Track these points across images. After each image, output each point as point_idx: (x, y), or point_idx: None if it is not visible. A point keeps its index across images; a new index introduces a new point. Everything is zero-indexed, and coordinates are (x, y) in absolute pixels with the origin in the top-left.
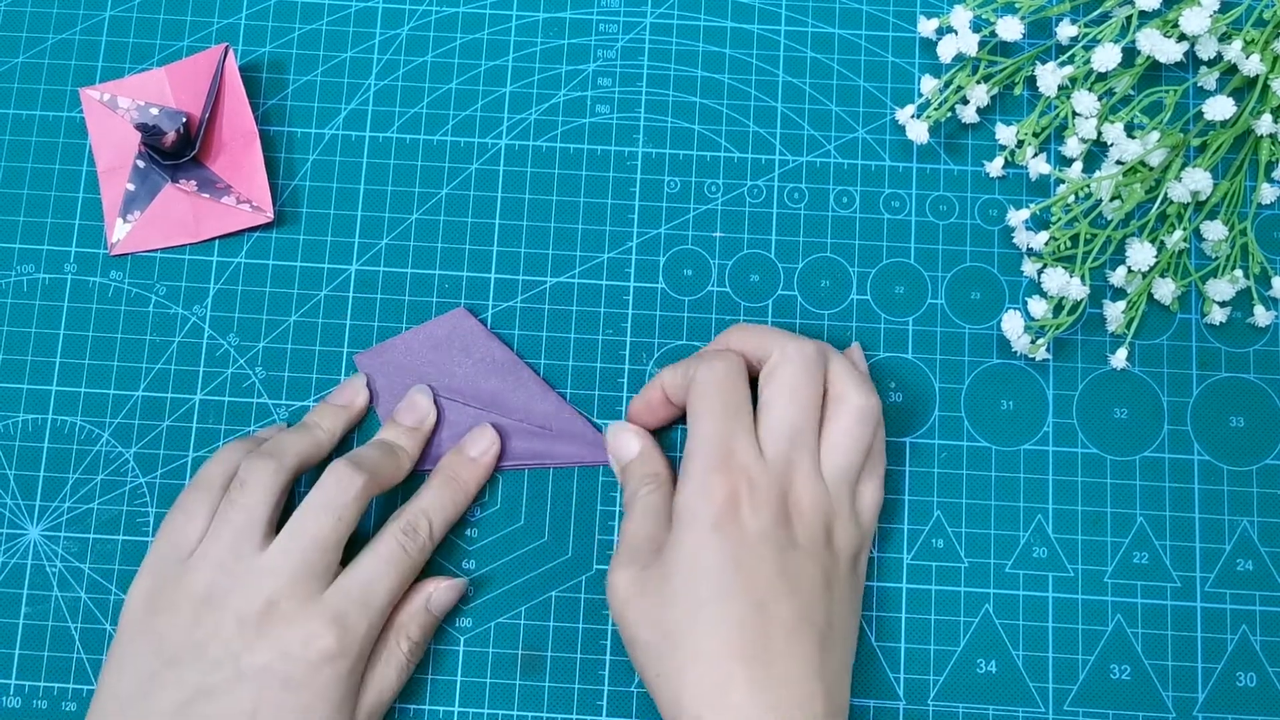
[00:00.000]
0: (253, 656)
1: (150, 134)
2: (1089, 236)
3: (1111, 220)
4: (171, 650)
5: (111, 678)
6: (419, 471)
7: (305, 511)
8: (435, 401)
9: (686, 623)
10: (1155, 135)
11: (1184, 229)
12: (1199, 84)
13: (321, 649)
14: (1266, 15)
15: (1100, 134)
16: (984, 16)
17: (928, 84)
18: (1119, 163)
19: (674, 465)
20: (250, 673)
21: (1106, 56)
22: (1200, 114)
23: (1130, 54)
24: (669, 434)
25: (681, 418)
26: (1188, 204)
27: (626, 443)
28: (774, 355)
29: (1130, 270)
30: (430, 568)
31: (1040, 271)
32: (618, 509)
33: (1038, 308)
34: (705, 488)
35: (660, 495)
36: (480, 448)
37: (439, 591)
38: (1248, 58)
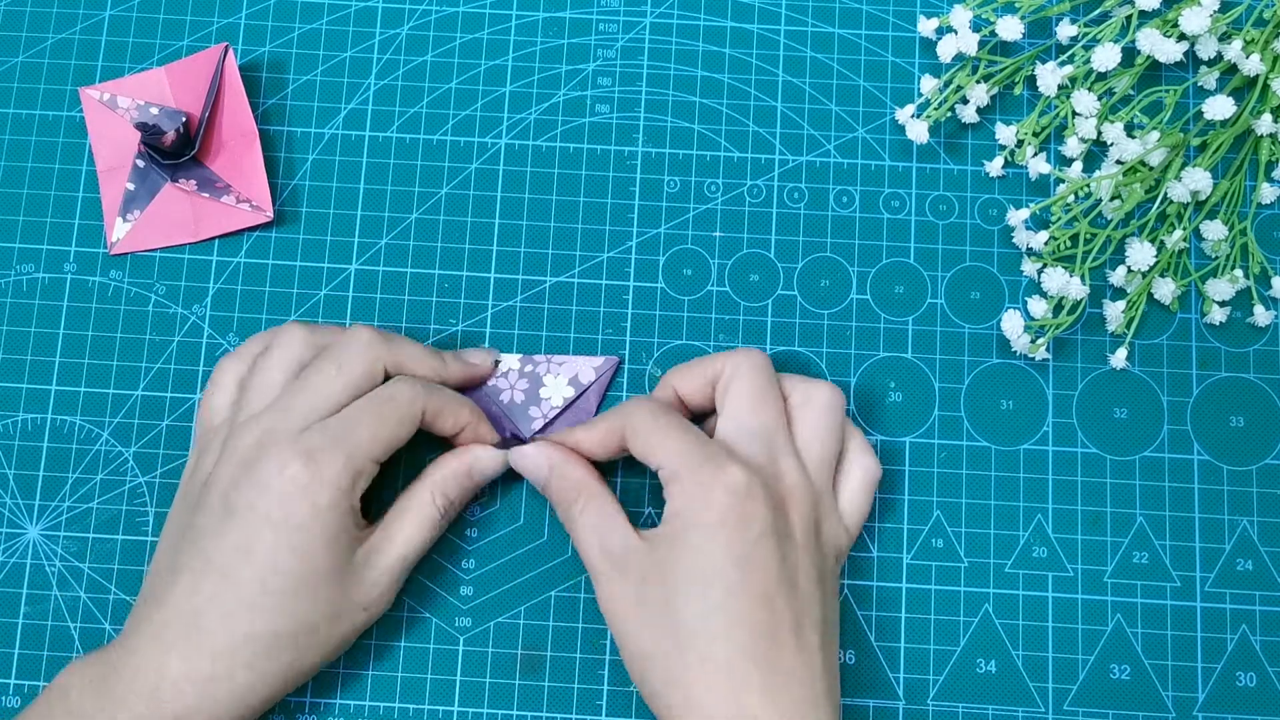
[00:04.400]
0: (238, 494)
1: (150, 133)
2: (1089, 236)
3: (1111, 220)
4: (190, 498)
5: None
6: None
7: (310, 366)
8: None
9: (696, 625)
10: (1155, 135)
11: (1184, 229)
12: (1199, 84)
13: (291, 477)
14: (1266, 15)
15: (1100, 134)
16: (984, 16)
17: (928, 84)
18: (1119, 162)
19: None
20: (238, 509)
21: (1106, 56)
22: (1200, 114)
23: (1130, 54)
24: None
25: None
26: (1188, 204)
27: (535, 463)
28: (725, 370)
29: (1130, 270)
30: (431, 567)
31: (1040, 271)
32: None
33: (1038, 307)
34: (703, 488)
35: (599, 504)
36: (477, 357)
37: (486, 457)
38: (1248, 57)
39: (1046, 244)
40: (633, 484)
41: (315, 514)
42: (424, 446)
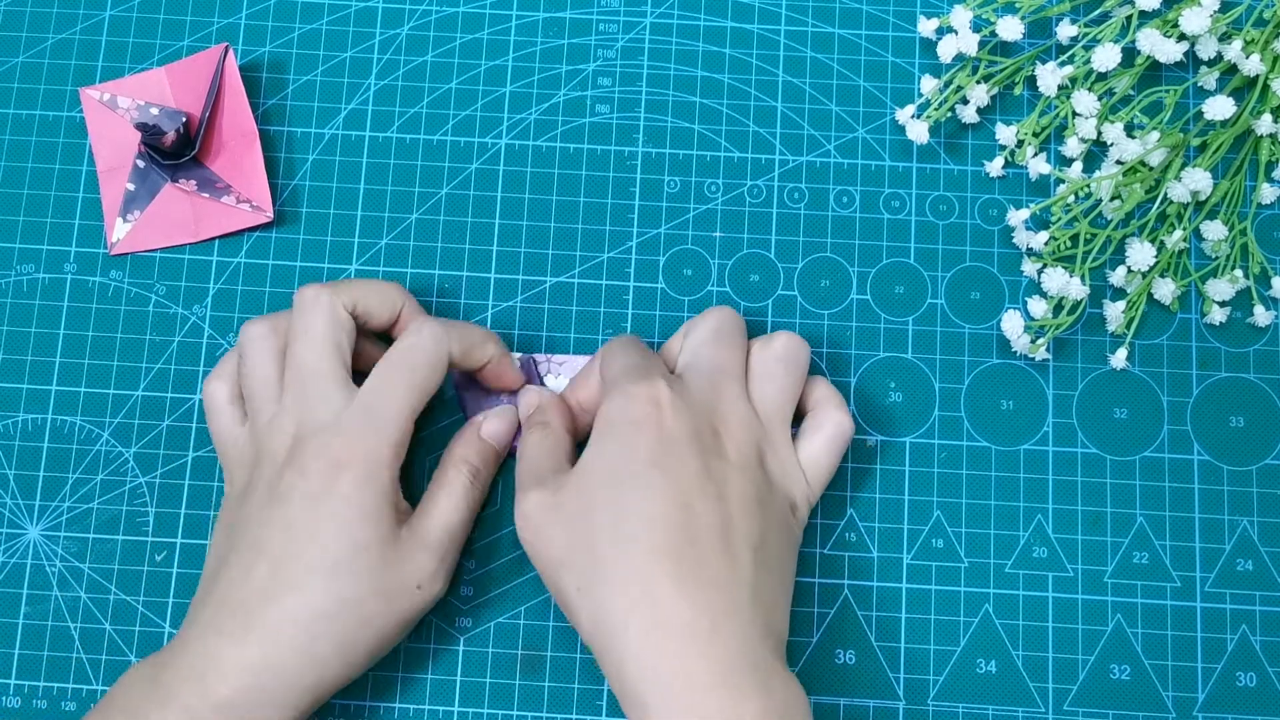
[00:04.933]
0: (281, 481)
1: (150, 134)
2: (1089, 236)
3: (1111, 220)
4: (233, 506)
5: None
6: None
7: (288, 349)
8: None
9: (609, 527)
10: (1155, 135)
11: (1184, 229)
12: (1199, 84)
13: (330, 457)
14: (1266, 15)
15: (1100, 134)
16: (984, 16)
17: (928, 84)
18: (1119, 163)
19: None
20: (281, 494)
21: (1106, 56)
22: (1200, 114)
23: (1130, 54)
24: None
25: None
26: (1188, 204)
27: (530, 398)
28: (691, 321)
29: (1130, 270)
30: None
31: (1040, 271)
32: None
33: (1038, 307)
34: (625, 395)
35: (553, 439)
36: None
37: (489, 419)
38: (1248, 57)
39: (1046, 244)
40: None
41: (355, 487)
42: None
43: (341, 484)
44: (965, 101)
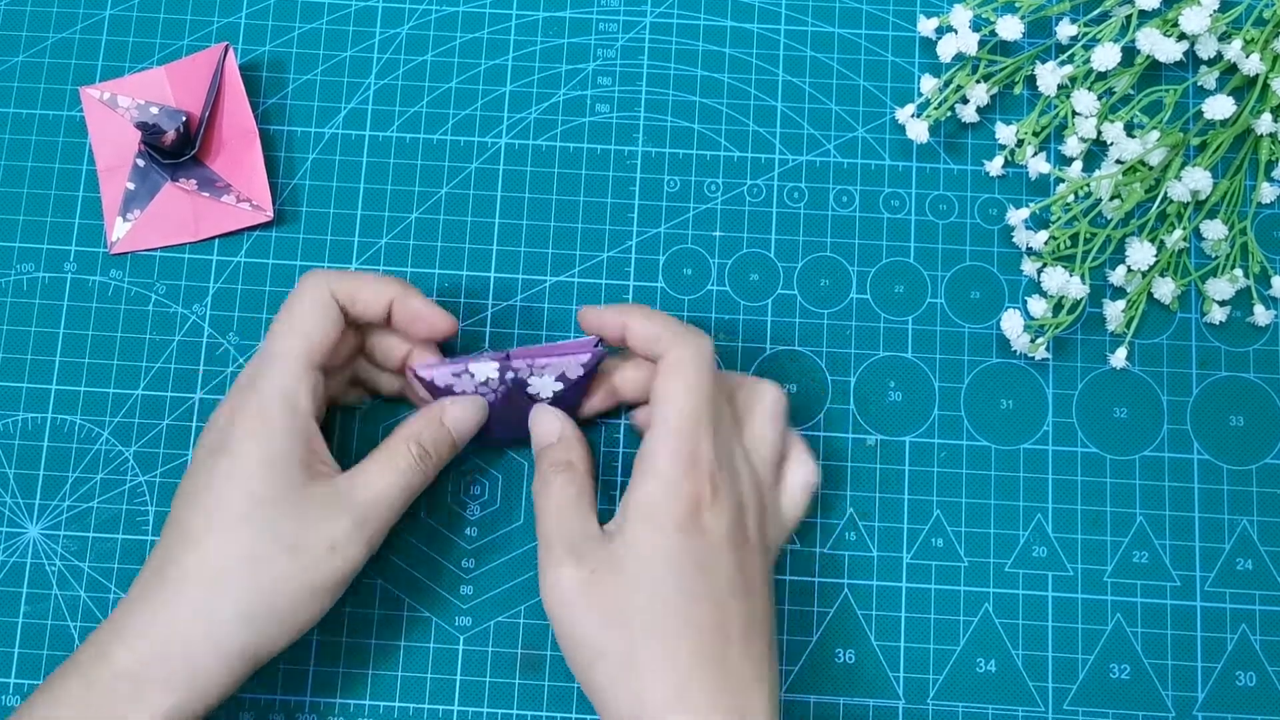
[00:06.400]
0: (197, 445)
1: (150, 133)
2: (1089, 236)
3: (1111, 219)
4: None
5: None
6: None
7: None
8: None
9: (648, 624)
10: (1155, 134)
11: (1184, 228)
12: (1199, 83)
13: (226, 410)
14: (1266, 15)
15: (1100, 133)
16: (984, 16)
17: (928, 83)
18: (1119, 162)
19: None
20: (194, 456)
21: (1106, 56)
22: (1200, 113)
23: (1130, 53)
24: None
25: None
26: (1187, 203)
27: (549, 425)
28: (671, 355)
29: (1130, 269)
30: (431, 567)
31: (1040, 271)
32: (616, 509)
33: (1037, 307)
34: (672, 487)
35: (576, 487)
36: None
37: (455, 405)
38: (1247, 57)
39: (1046, 244)
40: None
41: (247, 438)
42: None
43: (234, 437)
44: (965, 101)
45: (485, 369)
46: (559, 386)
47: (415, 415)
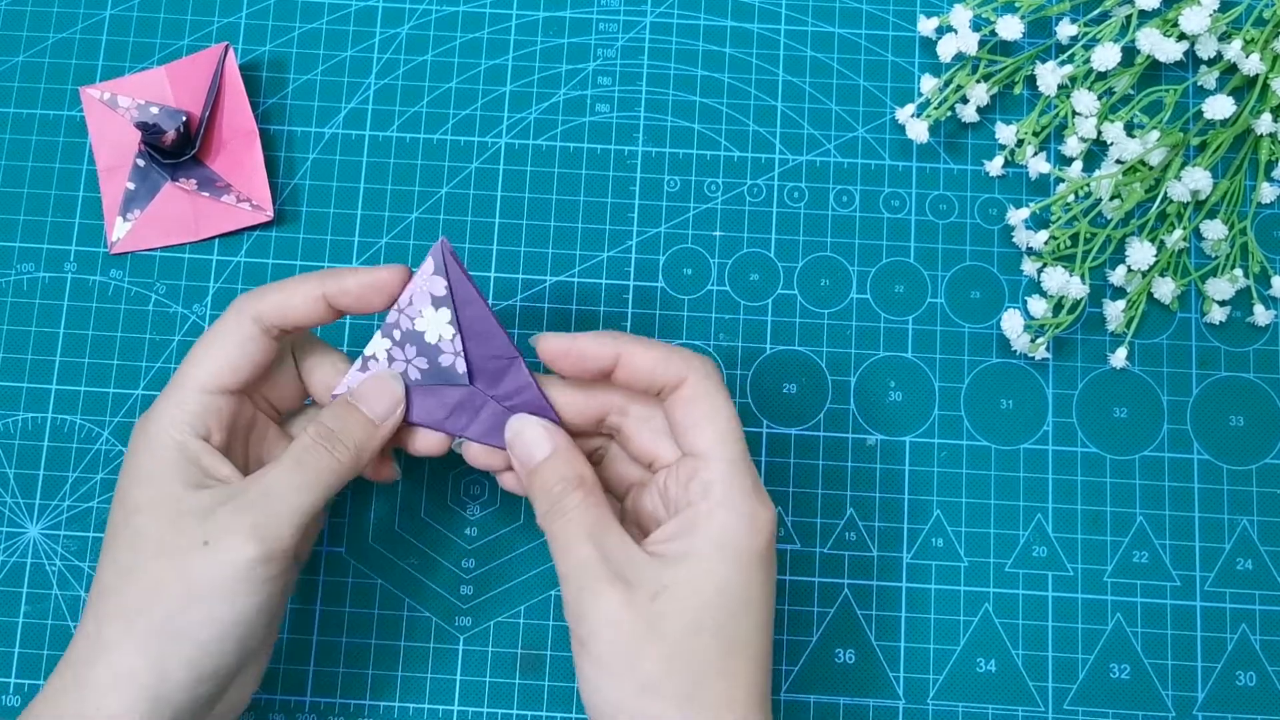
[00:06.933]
0: None
1: (150, 133)
2: (1089, 235)
3: (1111, 219)
4: None
5: None
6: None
7: None
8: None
9: (717, 659)
10: (1155, 134)
11: (1184, 228)
12: (1199, 83)
13: (132, 435)
14: (1266, 14)
15: (1100, 133)
16: (984, 15)
17: (928, 83)
18: (1119, 162)
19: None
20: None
21: (1106, 56)
22: (1200, 113)
23: (1130, 53)
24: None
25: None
26: (1187, 203)
27: (535, 442)
28: (690, 380)
29: (1130, 269)
30: (431, 567)
31: (1040, 270)
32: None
33: (1037, 307)
34: (748, 520)
35: (599, 508)
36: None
37: (356, 382)
38: (1247, 57)
39: (1046, 243)
40: None
41: (135, 453)
42: None
43: (128, 455)
44: (965, 101)
45: (376, 344)
46: (446, 314)
47: (327, 408)
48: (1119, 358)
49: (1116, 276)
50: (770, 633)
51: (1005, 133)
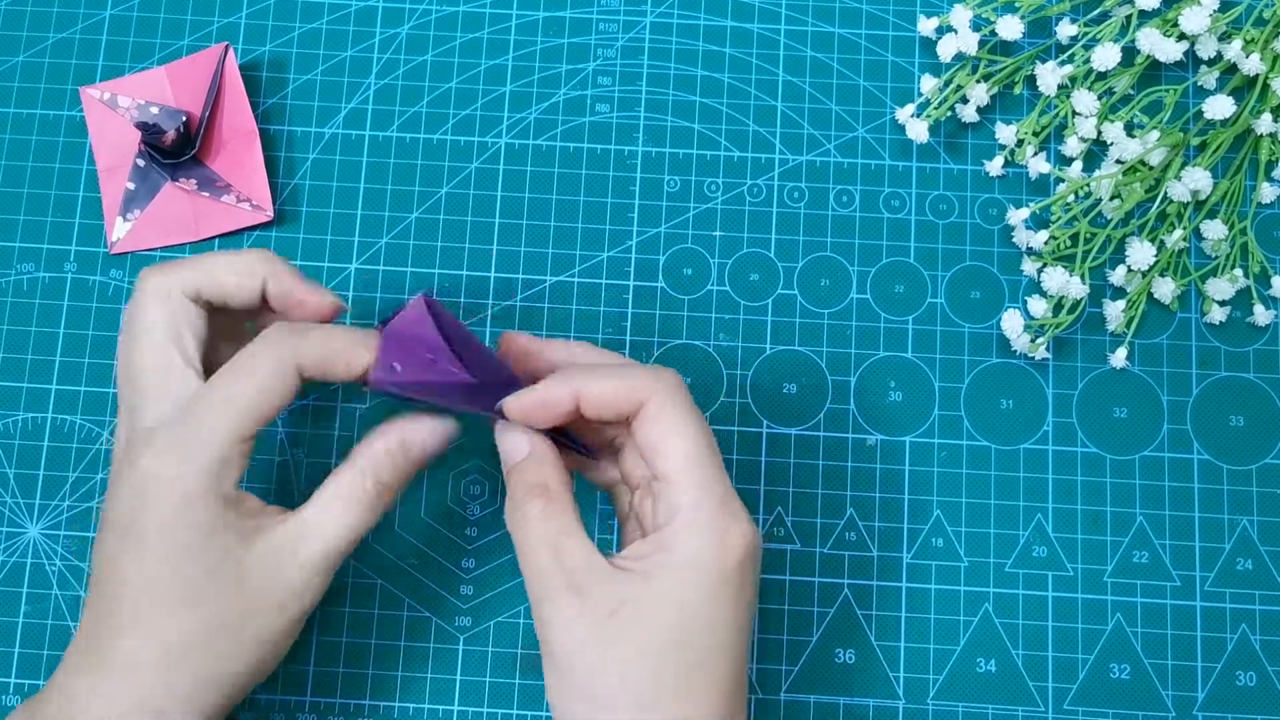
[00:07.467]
0: (103, 510)
1: (150, 133)
2: (1089, 235)
3: (1111, 219)
4: None
5: None
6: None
7: None
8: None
9: (676, 681)
10: (1155, 134)
11: (1184, 228)
12: (1199, 83)
13: (131, 484)
14: (1266, 14)
15: (1100, 133)
16: (984, 15)
17: (928, 83)
18: (1119, 162)
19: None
20: (101, 524)
21: (1106, 56)
22: (1200, 113)
23: (1130, 53)
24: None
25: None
26: (1187, 203)
27: (515, 444)
28: (654, 400)
29: (1130, 269)
30: (431, 567)
31: (1040, 270)
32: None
33: (1037, 307)
34: (719, 537)
35: (561, 517)
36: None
37: (415, 427)
38: (1248, 57)
39: (1046, 243)
40: None
41: (173, 514)
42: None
43: (151, 515)
44: (965, 101)
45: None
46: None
47: (371, 442)
48: (1119, 358)
49: (1116, 276)
50: (742, 651)
51: (1005, 133)
